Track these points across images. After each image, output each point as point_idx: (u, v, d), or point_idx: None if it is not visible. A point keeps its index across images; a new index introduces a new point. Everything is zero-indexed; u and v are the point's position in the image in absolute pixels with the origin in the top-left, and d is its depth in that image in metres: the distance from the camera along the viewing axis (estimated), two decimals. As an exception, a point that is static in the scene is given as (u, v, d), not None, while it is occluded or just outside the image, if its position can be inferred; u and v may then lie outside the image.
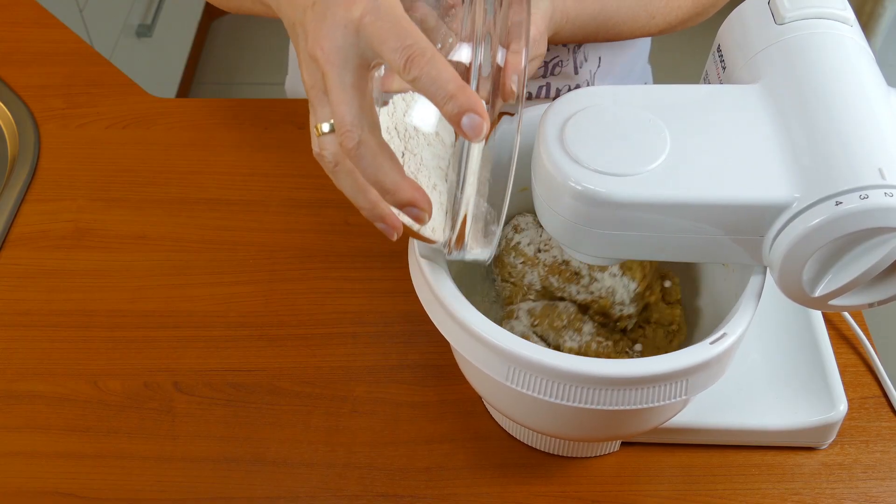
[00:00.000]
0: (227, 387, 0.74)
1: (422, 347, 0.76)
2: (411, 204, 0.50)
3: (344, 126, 0.49)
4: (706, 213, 0.54)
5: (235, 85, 2.31)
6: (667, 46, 1.71)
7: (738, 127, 0.56)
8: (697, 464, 0.70)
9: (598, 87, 0.58)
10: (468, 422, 0.72)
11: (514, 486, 0.69)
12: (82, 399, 0.73)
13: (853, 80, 0.56)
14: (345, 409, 0.73)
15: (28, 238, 0.84)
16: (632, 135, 0.55)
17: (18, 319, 0.78)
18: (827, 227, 0.52)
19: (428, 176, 0.54)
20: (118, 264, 0.82)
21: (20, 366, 0.75)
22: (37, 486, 0.69)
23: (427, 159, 0.54)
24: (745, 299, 0.58)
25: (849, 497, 0.68)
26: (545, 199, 0.56)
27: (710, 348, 0.56)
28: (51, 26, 1.04)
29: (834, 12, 0.59)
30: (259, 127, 0.93)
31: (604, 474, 0.69)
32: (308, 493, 0.68)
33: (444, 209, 0.54)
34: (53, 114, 0.94)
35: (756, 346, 0.72)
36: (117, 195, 0.87)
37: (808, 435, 0.69)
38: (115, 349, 0.76)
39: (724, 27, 0.63)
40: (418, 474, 0.69)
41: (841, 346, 0.76)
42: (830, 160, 0.53)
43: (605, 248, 0.56)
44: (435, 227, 0.55)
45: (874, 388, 0.74)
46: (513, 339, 0.56)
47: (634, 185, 0.53)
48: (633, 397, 0.56)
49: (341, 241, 0.83)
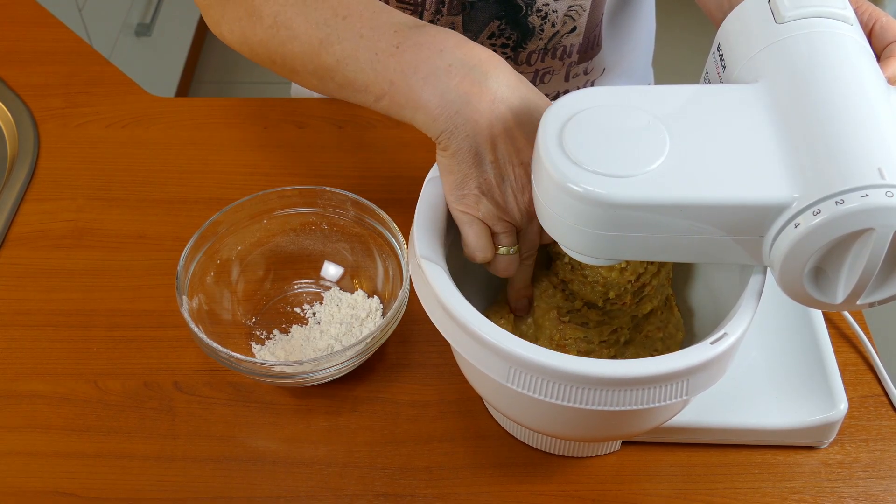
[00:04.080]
0: (227, 387, 0.74)
1: (422, 347, 0.76)
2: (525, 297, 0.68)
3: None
4: (706, 213, 0.54)
5: (235, 84, 2.31)
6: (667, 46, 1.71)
7: (737, 127, 0.56)
8: (698, 463, 0.70)
9: (597, 88, 0.58)
10: (468, 421, 0.72)
11: (514, 485, 0.69)
12: (82, 399, 0.73)
13: (853, 80, 0.56)
14: (345, 409, 0.73)
15: (27, 238, 0.84)
16: (631, 136, 0.55)
17: (18, 319, 0.78)
18: (827, 226, 0.52)
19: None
20: (118, 264, 0.82)
21: (20, 366, 0.75)
22: (37, 486, 0.69)
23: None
24: (746, 299, 0.58)
25: (849, 496, 0.68)
26: (545, 201, 0.56)
27: (711, 348, 0.56)
28: (50, 25, 1.04)
29: (834, 11, 0.58)
30: (259, 126, 0.93)
31: (604, 474, 0.69)
32: (308, 493, 0.68)
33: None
34: (53, 113, 0.94)
35: (756, 345, 0.72)
36: (117, 194, 0.87)
37: (808, 434, 0.69)
38: (115, 349, 0.76)
39: (725, 26, 0.62)
40: (418, 473, 0.69)
41: (841, 345, 0.76)
42: (830, 160, 0.53)
43: (606, 249, 0.56)
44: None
45: (874, 387, 0.74)
46: (513, 340, 0.56)
47: (634, 186, 0.53)
48: (633, 398, 0.56)
49: (341, 241, 0.83)
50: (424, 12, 0.84)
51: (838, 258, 0.54)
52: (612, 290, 0.67)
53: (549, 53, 0.88)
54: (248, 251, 0.77)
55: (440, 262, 0.60)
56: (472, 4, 0.83)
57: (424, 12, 0.84)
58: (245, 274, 0.77)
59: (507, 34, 0.86)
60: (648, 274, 0.68)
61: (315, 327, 0.76)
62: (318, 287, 0.79)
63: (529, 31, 0.85)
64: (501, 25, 0.85)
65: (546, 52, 0.88)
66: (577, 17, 0.86)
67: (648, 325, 0.69)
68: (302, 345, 0.74)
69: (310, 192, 0.77)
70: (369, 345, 0.69)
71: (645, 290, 0.68)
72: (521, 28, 0.85)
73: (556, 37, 0.86)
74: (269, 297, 0.78)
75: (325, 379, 0.70)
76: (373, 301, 0.76)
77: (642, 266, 0.67)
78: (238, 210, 0.75)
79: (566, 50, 0.89)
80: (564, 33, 0.87)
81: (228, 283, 0.76)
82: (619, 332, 0.68)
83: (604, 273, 0.67)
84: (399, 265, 0.74)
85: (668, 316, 0.70)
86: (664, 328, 0.69)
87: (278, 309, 0.78)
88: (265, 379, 0.69)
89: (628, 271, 0.67)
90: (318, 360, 0.67)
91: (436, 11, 0.84)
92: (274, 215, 0.77)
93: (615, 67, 0.96)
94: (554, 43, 0.87)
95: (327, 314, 0.76)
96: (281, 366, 0.68)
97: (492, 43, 0.87)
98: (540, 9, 0.84)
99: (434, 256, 0.60)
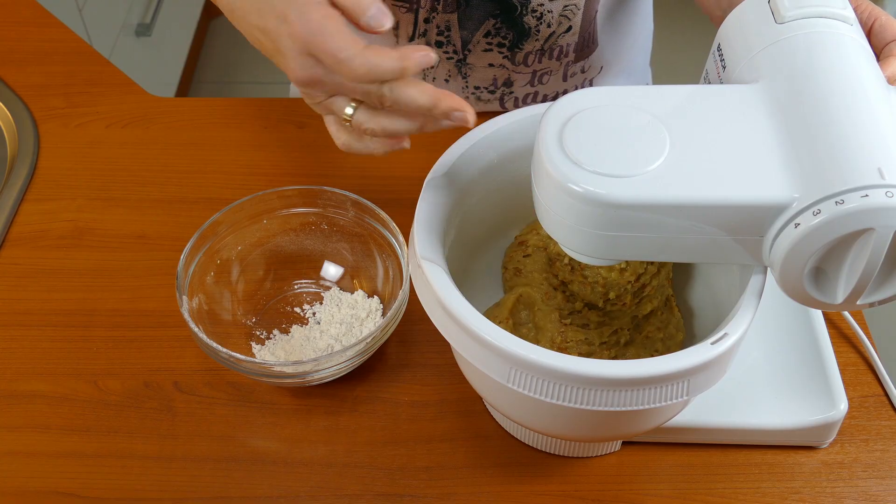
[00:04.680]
0: (227, 386, 0.74)
1: (422, 347, 0.76)
2: (456, 109, 0.57)
3: (370, 86, 0.57)
4: (706, 213, 0.54)
5: (235, 84, 2.31)
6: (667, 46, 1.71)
7: (737, 127, 0.56)
8: (698, 463, 0.70)
9: (597, 89, 0.58)
10: (468, 421, 0.72)
11: (514, 485, 0.69)
12: (82, 399, 0.73)
13: (853, 80, 0.56)
14: (345, 409, 0.73)
15: (27, 237, 0.84)
16: (631, 136, 0.55)
17: (18, 319, 0.78)
18: (827, 226, 0.52)
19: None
20: (118, 264, 0.82)
21: (20, 366, 0.75)
22: (37, 486, 0.69)
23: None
24: (746, 299, 0.58)
25: (849, 496, 0.68)
26: (545, 201, 0.56)
27: (712, 348, 0.56)
28: (50, 25, 1.04)
29: (834, 11, 0.58)
30: (259, 126, 0.93)
31: (604, 473, 0.69)
32: (308, 493, 0.68)
33: None
34: (53, 113, 0.94)
35: (756, 345, 0.72)
36: (117, 194, 0.87)
37: (808, 434, 0.69)
38: (115, 349, 0.76)
39: (725, 26, 0.62)
40: (418, 473, 0.69)
41: (841, 345, 0.76)
42: (830, 160, 0.53)
43: (606, 249, 0.56)
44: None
45: (874, 387, 0.74)
46: (513, 340, 0.56)
47: (634, 186, 0.53)
48: (634, 398, 0.56)
49: (341, 241, 0.83)
50: (420, 10, 0.85)
51: (838, 258, 0.54)
52: (612, 290, 0.67)
53: (545, 54, 0.89)
54: (248, 251, 0.77)
55: (440, 262, 0.60)
56: (467, 2, 0.84)
57: (420, 10, 0.85)
58: (245, 274, 0.77)
59: (504, 33, 0.86)
60: (648, 274, 0.68)
61: (315, 327, 0.76)
62: (318, 287, 0.79)
63: (525, 32, 0.86)
64: (497, 24, 0.85)
65: (543, 53, 0.88)
66: (573, 16, 0.86)
67: (649, 325, 0.69)
68: (302, 345, 0.74)
69: (310, 192, 0.77)
70: (369, 345, 0.69)
71: (645, 290, 0.68)
72: (516, 28, 0.85)
73: (552, 37, 0.87)
74: (269, 297, 0.78)
75: (325, 379, 0.70)
76: (373, 301, 0.76)
77: (642, 266, 0.67)
78: (238, 210, 0.75)
79: (563, 50, 0.89)
80: (560, 33, 0.87)
81: (228, 283, 0.76)
82: (619, 333, 0.68)
83: (603, 273, 0.67)
84: (399, 265, 0.74)
85: (668, 316, 0.70)
86: (664, 329, 0.69)
87: (278, 309, 0.78)
88: (265, 379, 0.69)
89: (628, 272, 0.67)
90: (319, 360, 0.67)
91: (431, 9, 0.84)
92: (274, 215, 0.77)
93: (613, 66, 0.96)
94: (550, 44, 0.87)
95: (327, 314, 0.76)
96: (281, 366, 0.68)
97: (488, 42, 0.87)
98: (535, 9, 0.84)
99: (434, 256, 0.60)
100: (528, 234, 0.72)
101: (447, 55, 0.89)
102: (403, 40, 0.88)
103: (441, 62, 0.89)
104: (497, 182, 0.69)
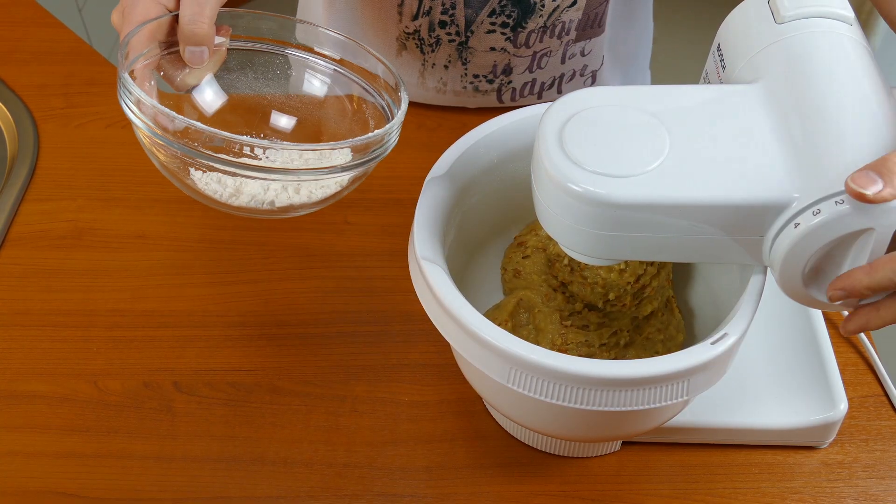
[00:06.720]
0: (227, 386, 0.74)
1: (422, 347, 0.76)
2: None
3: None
4: (706, 213, 0.54)
5: (235, 83, 2.30)
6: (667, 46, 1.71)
7: (737, 127, 0.56)
8: (698, 463, 0.70)
9: (596, 88, 0.58)
10: (468, 421, 0.72)
11: (514, 485, 0.69)
12: (82, 399, 0.73)
13: (853, 79, 0.56)
14: (344, 409, 0.73)
15: (27, 238, 0.84)
16: (631, 136, 0.55)
17: (18, 319, 0.78)
18: (827, 226, 0.52)
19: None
20: (118, 264, 0.82)
21: (20, 366, 0.75)
22: (37, 486, 0.69)
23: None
24: (746, 299, 0.58)
25: (849, 496, 0.68)
26: (545, 201, 0.56)
27: (712, 348, 0.56)
28: (50, 25, 1.04)
29: (834, 11, 0.58)
30: (258, 126, 0.93)
31: (604, 474, 0.69)
32: (308, 493, 0.68)
33: None
34: (53, 113, 0.94)
35: (756, 345, 0.72)
36: (117, 194, 0.87)
37: (808, 434, 0.69)
38: (115, 349, 0.76)
39: (724, 26, 0.62)
40: (418, 473, 0.69)
41: (841, 345, 0.76)
42: (830, 160, 0.53)
43: (606, 249, 0.56)
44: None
45: (874, 387, 0.74)
46: (513, 340, 0.56)
47: (634, 186, 0.53)
48: (634, 398, 0.56)
49: (340, 241, 0.83)
50: None
51: (838, 258, 0.54)
52: (611, 291, 0.67)
53: (547, 32, 0.89)
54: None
55: (440, 262, 0.60)
56: None
57: None
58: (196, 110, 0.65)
59: (508, 11, 0.86)
60: (648, 275, 0.68)
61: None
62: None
63: (530, 8, 0.86)
64: (503, 2, 0.85)
65: (545, 31, 0.88)
66: None
67: (649, 326, 0.69)
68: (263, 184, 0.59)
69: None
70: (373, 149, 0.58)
71: (645, 291, 0.68)
72: (521, 4, 0.86)
73: (556, 11, 0.87)
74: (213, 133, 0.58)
75: (311, 205, 0.59)
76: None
77: (642, 267, 0.67)
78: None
79: (564, 27, 0.89)
80: (564, 8, 0.87)
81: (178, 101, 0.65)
82: (619, 334, 0.68)
83: (603, 274, 0.67)
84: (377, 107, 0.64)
85: (668, 317, 0.70)
86: (665, 330, 0.69)
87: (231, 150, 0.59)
88: (240, 202, 0.56)
89: (627, 272, 0.67)
90: (320, 153, 0.54)
91: None
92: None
93: (615, 59, 0.96)
94: (553, 19, 0.88)
95: (285, 157, 0.58)
96: (255, 145, 0.53)
97: (492, 21, 0.87)
98: None
99: (434, 256, 0.60)
100: (527, 235, 0.72)
101: (449, 37, 0.88)
102: (407, 19, 0.88)
103: (442, 45, 0.89)
104: (497, 182, 0.69)
